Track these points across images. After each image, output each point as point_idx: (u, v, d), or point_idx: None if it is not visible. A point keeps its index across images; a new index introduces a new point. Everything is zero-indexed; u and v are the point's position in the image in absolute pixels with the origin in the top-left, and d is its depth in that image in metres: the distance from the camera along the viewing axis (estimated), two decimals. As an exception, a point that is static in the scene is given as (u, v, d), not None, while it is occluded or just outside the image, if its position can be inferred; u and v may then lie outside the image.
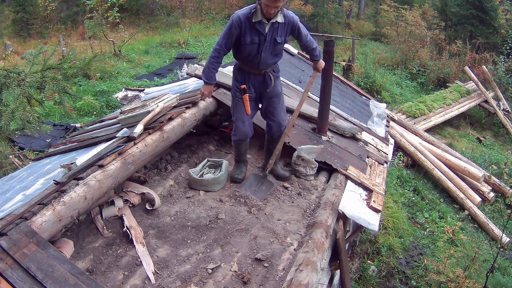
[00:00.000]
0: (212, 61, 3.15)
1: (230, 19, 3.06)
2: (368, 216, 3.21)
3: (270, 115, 3.43)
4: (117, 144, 3.12)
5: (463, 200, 7.72)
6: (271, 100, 3.38)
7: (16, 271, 1.90)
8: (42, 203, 2.30)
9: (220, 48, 3.10)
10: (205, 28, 17.10)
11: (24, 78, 3.21)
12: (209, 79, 3.22)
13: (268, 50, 3.12)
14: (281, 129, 3.44)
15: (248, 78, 3.26)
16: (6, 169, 5.41)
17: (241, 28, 3.03)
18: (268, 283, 2.43)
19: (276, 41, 3.11)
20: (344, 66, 12.17)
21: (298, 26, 3.22)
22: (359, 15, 21.60)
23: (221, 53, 3.13)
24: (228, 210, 3.10)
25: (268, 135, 3.54)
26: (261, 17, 2.99)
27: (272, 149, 3.48)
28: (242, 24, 3.02)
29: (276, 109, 3.40)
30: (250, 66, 3.22)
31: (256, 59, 3.15)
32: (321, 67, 3.54)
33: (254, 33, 3.05)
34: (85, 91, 9.33)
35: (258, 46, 3.08)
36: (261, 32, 3.05)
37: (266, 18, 3.01)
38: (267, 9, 2.95)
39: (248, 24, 3.02)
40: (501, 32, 15.39)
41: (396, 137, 8.42)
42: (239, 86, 3.26)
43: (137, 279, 2.40)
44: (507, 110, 11.91)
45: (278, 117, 3.42)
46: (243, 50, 3.11)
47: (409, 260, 5.68)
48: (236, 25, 3.02)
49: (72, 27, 16.51)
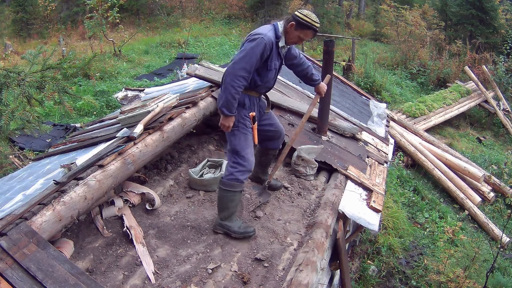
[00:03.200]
0: (238, 90, 2.66)
1: (258, 40, 2.65)
2: (368, 216, 3.21)
3: (271, 127, 3.20)
4: (117, 144, 3.12)
5: (463, 200, 7.72)
6: (268, 116, 3.18)
7: (16, 271, 1.90)
8: (42, 203, 2.30)
9: (248, 75, 2.67)
10: (205, 28, 17.11)
11: (24, 77, 3.22)
12: (233, 111, 2.73)
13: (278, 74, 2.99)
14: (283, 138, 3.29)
15: (254, 104, 2.95)
16: (6, 169, 5.41)
17: (270, 53, 2.74)
18: (268, 283, 2.43)
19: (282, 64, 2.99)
20: (344, 66, 12.18)
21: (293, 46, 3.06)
22: (359, 15, 21.60)
23: (248, 81, 2.71)
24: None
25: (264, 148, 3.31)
26: (284, 43, 2.84)
27: (264, 160, 3.34)
28: (272, 48, 2.74)
29: (275, 120, 3.23)
30: (259, 91, 2.95)
31: (271, 84, 2.94)
32: (324, 91, 3.33)
33: (277, 58, 2.85)
34: (85, 91, 9.33)
35: (276, 71, 2.92)
36: (281, 57, 2.88)
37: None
38: (297, 41, 2.83)
39: (275, 48, 2.79)
40: (501, 32, 15.40)
41: (396, 137, 8.43)
42: (247, 114, 2.88)
43: (137, 279, 2.40)
44: (507, 110, 11.91)
45: (279, 126, 3.23)
46: (265, 75, 2.83)
47: (409, 260, 5.68)
48: (268, 48, 2.69)
49: (72, 27, 16.52)
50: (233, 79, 2.63)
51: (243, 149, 2.82)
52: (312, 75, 3.24)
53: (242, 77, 2.64)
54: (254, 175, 3.45)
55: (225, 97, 2.66)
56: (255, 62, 2.66)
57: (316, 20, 2.77)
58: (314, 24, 2.76)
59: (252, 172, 3.45)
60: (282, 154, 3.27)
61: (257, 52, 2.64)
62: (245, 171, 2.81)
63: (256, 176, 3.44)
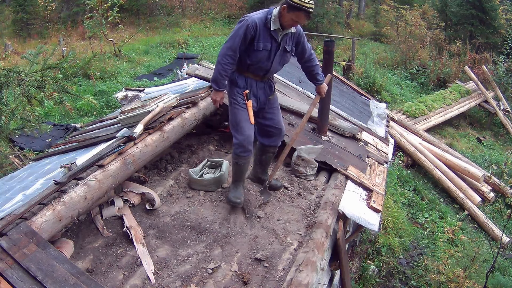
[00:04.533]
0: (226, 68, 2.91)
1: (243, 22, 2.88)
2: (368, 216, 3.21)
3: (272, 123, 3.26)
4: (117, 144, 3.12)
5: (463, 200, 7.72)
6: (271, 108, 3.24)
7: (16, 271, 1.90)
8: (42, 203, 2.30)
9: (234, 53, 2.88)
10: (205, 28, 17.11)
11: (24, 77, 3.22)
12: (222, 86, 3.02)
13: (278, 58, 3.03)
14: (282, 136, 3.32)
15: (251, 85, 3.08)
16: (6, 169, 5.41)
17: (256, 32, 2.88)
18: (268, 283, 2.43)
19: (285, 49, 3.03)
20: (344, 66, 12.17)
21: (304, 37, 3.11)
22: (359, 15, 21.59)
23: (235, 59, 2.92)
24: (228, 211, 3.10)
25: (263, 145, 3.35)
26: (277, 26, 2.90)
27: (264, 159, 3.35)
28: (258, 28, 2.87)
29: (277, 116, 3.27)
30: (255, 73, 3.06)
31: (266, 66, 3.02)
32: (325, 92, 3.38)
33: (268, 40, 2.92)
34: (85, 91, 9.32)
35: (270, 53, 2.97)
36: (275, 39, 2.94)
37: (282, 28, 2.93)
38: (292, 23, 2.87)
39: (264, 29, 2.89)
40: (501, 32, 15.37)
41: (396, 137, 8.42)
42: (241, 92, 3.06)
43: (137, 279, 2.40)
44: (507, 110, 11.91)
45: (280, 123, 3.28)
46: (254, 55, 2.95)
47: (409, 260, 5.68)
48: (251, 28, 2.85)
49: (72, 27, 16.52)
50: (221, 57, 2.90)
51: (237, 123, 3.07)
52: (317, 74, 3.29)
53: (228, 55, 2.88)
54: (254, 175, 3.47)
55: (214, 73, 2.97)
56: (238, 42, 2.86)
57: (307, 1, 2.77)
58: (305, 5, 2.76)
59: (253, 172, 3.47)
60: (282, 154, 3.27)
61: (240, 32, 2.86)
62: (239, 145, 3.05)
63: (257, 177, 3.45)
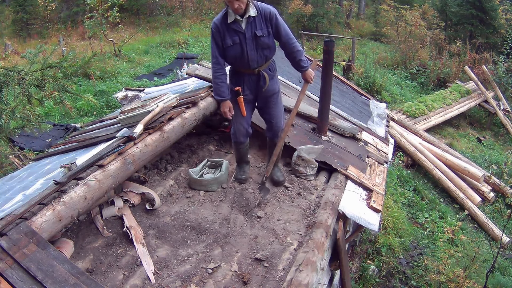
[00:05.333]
0: (216, 75, 3.10)
1: (211, 29, 3.06)
2: (368, 216, 3.21)
3: (267, 115, 3.36)
4: (117, 144, 3.12)
5: (463, 200, 7.72)
6: (267, 100, 3.30)
7: (16, 271, 1.90)
8: (42, 203, 2.30)
9: (216, 59, 3.07)
10: (205, 28, 17.09)
11: (24, 76, 3.22)
12: (222, 95, 3.14)
13: (252, 46, 3.04)
14: (277, 131, 3.36)
15: (243, 80, 3.20)
16: (6, 169, 5.41)
17: (220, 33, 3.01)
18: (268, 283, 2.43)
19: (256, 35, 3.02)
20: (344, 66, 12.17)
21: (276, 18, 3.07)
22: (359, 15, 21.58)
23: (221, 64, 3.09)
24: (228, 211, 3.09)
25: (267, 137, 3.48)
26: (234, 16, 2.96)
27: (270, 153, 3.41)
28: (220, 29, 3.01)
29: (272, 110, 3.32)
30: (242, 66, 3.15)
31: (244, 58, 3.07)
32: (311, 77, 3.37)
33: (233, 34, 3.01)
34: (85, 91, 9.32)
35: (241, 45, 3.03)
36: (239, 30, 3.00)
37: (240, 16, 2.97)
38: (231, 5, 2.91)
39: (225, 26, 3.00)
40: (501, 32, 15.36)
41: (396, 137, 8.42)
42: (233, 88, 3.20)
43: (137, 279, 2.40)
44: (507, 110, 11.90)
45: (275, 118, 3.34)
46: (228, 53, 3.07)
47: (409, 260, 5.68)
48: (215, 31, 3.02)
49: (72, 27, 16.51)
50: (211, 67, 3.14)
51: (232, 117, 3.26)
52: (300, 61, 3.26)
53: (214, 63, 3.11)
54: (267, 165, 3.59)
55: (213, 84, 3.18)
56: (215, 48, 3.07)
57: None
58: None
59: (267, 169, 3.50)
60: (276, 147, 3.35)
61: (212, 39, 3.08)
62: (234, 136, 3.37)
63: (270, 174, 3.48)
